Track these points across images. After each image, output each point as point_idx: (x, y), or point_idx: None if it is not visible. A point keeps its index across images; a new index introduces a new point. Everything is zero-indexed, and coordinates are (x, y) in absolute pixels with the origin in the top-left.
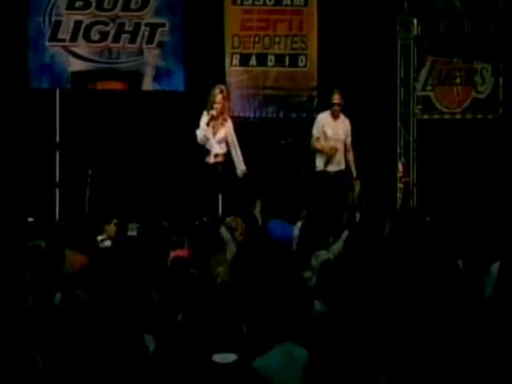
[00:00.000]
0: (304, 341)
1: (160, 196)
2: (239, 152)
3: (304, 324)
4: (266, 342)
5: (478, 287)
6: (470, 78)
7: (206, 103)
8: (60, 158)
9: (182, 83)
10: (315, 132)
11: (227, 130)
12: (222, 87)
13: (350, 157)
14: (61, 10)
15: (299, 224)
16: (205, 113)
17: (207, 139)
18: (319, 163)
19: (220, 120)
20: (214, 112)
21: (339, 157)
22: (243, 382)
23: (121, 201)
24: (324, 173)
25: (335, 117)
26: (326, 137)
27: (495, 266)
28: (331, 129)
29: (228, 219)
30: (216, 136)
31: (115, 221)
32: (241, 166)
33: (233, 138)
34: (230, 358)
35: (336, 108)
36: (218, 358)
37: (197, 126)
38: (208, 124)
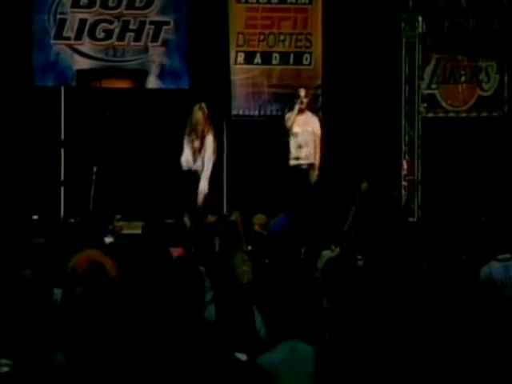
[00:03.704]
0: (310, 337)
1: (164, 193)
2: (209, 171)
3: (310, 321)
4: (274, 338)
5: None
6: (474, 75)
7: (205, 101)
8: (65, 155)
9: (187, 81)
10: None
11: (209, 148)
12: (203, 105)
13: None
14: (66, 9)
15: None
16: (186, 139)
17: (190, 169)
18: (290, 159)
19: (202, 139)
20: (197, 143)
21: (307, 151)
22: (249, 379)
23: (125, 198)
24: (296, 167)
25: (300, 111)
26: (293, 133)
27: (486, 268)
28: (297, 124)
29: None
30: (202, 154)
31: (118, 216)
32: (204, 187)
33: (210, 156)
34: (241, 358)
35: (303, 101)
36: None
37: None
38: (194, 152)
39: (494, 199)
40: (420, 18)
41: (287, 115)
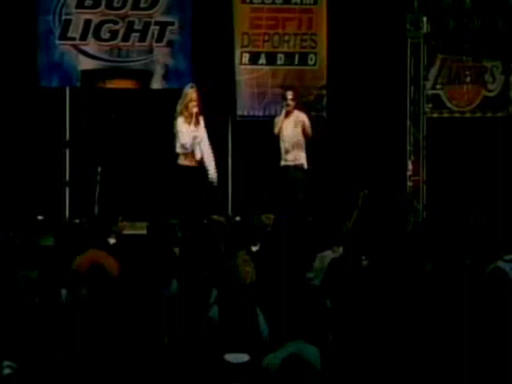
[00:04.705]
0: (314, 338)
1: (169, 194)
2: (212, 159)
3: (314, 322)
4: (278, 339)
5: (484, 285)
6: (479, 76)
7: (210, 101)
8: (70, 156)
9: (192, 81)
10: (277, 119)
11: (202, 132)
12: (193, 85)
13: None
14: (70, 9)
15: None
16: (180, 118)
17: (195, 139)
18: (281, 159)
19: (196, 120)
20: (195, 109)
21: (296, 152)
22: (254, 381)
23: (129, 199)
24: (285, 167)
25: (287, 114)
26: (282, 139)
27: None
28: (285, 128)
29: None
30: (199, 133)
31: (121, 218)
32: (213, 175)
33: (206, 141)
34: (243, 358)
35: (289, 103)
36: (231, 357)
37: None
38: (195, 123)
39: (499, 199)
40: (425, 19)
41: (276, 119)
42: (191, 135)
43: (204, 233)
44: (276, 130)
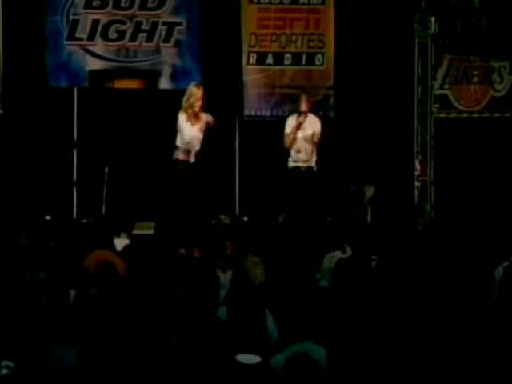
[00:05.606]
0: (321, 339)
1: (175, 194)
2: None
3: (322, 322)
4: (286, 339)
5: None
6: (487, 76)
7: (217, 101)
8: (77, 156)
9: (199, 82)
10: (288, 130)
11: (203, 124)
12: (198, 83)
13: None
14: (78, 9)
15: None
16: (182, 115)
17: (194, 140)
18: (289, 161)
19: (197, 117)
20: (196, 109)
21: (306, 155)
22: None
23: (137, 199)
24: (294, 169)
25: (304, 117)
26: (294, 138)
27: (500, 269)
28: (300, 128)
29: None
30: (198, 134)
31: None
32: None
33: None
34: (254, 359)
35: (303, 109)
36: (242, 358)
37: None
38: (194, 121)
39: (507, 200)
40: (433, 19)
41: (286, 129)
42: (191, 135)
43: (210, 233)
44: (287, 143)
